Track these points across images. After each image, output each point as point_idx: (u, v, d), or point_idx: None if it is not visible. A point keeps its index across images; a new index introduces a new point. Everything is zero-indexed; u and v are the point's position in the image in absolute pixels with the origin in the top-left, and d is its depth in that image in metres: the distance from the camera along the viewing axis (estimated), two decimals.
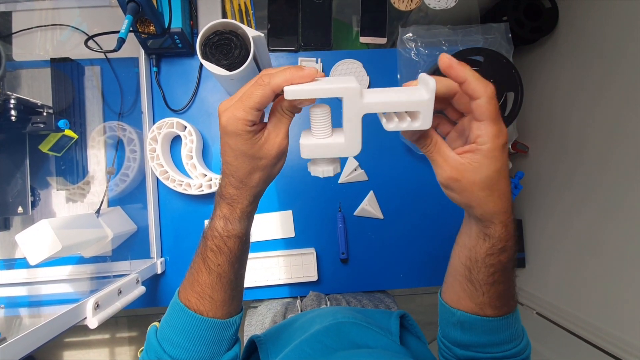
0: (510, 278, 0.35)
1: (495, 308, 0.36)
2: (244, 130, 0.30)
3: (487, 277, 0.34)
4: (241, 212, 0.34)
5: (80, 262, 0.70)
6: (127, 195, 0.74)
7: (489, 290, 0.35)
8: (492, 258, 0.33)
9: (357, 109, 0.29)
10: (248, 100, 0.29)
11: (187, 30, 0.71)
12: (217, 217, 0.35)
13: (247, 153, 0.31)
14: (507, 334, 0.37)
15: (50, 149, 0.64)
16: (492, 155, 0.29)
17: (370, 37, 0.80)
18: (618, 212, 0.84)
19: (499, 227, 0.31)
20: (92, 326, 0.48)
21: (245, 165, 0.32)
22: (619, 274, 0.85)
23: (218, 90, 0.77)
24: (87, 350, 1.41)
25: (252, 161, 0.32)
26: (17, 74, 0.71)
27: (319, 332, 0.43)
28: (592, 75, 0.91)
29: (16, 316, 0.70)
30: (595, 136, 0.91)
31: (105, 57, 0.72)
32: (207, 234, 0.35)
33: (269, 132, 0.32)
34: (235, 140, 0.31)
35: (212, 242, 0.35)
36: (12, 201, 0.61)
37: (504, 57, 0.65)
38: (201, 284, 0.35)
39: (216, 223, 0.34)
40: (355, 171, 0.76)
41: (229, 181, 0.33)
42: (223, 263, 0.35)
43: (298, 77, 0.29)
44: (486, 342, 0.37)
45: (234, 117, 0.30)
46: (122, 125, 0.72)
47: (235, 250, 0.35)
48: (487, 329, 0.36)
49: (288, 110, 0.32)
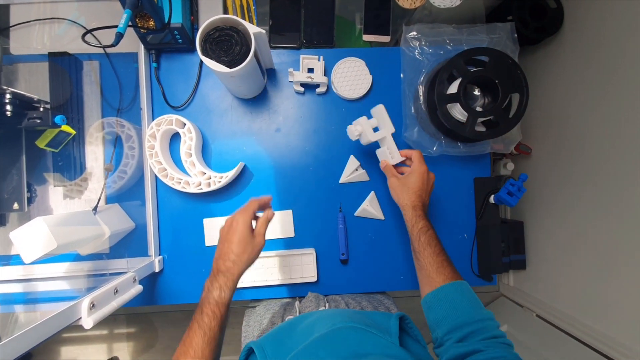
0: (434, 242, 0.54)
1: (437, 271, 0.51)
2: (248, 221, 0.52)
3: (419, 244, 0.54)
4: (232, 282, 0.49)
5: (77, 259, 0.69)
6: (125, 193, 0.73)
7: (424, 254, 0.53)
8: (414, 228, 0.56)
9: None
10: (248, 208, 0.53)
11: (187, 25, 0.70)
12: (214, 288, 0.47)
13: (245, 238, 0.50)
14: (460, 297, 0.48)
15: (48, 144, 0.63)
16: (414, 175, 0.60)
17: (374, 35, 0.78)
18: (620, 215, 0.83)
19: (409, 210, 0.57)
20: (87, 326, 0.47)
21: (242, 245, 0.50)
22: (619, 277, 0.84)
23: (219, 87, 0.76)
24: (85, 346, 1.41)
25: (246, 245, 0.50)
26: (14, 67, 0.70)
27: (316, 342, 0.43)
28: (595, 77, 0.90)
29: (11, 313, 0.69)
30: (598, 138, 0.90)
31: (104, 52, 0.71)
32: (203, 303, 0.47)
33: (256, 231, 0.53)
34: (243, 227, 0.51)
35: (209, 308, 0.46)
36: (8, 197, 0.60)
37: (509, 58, 0.63)
38: (195, 347, 0.44)
39: (213, 293, 0.47)
40: (356, 171, 0.75)
41: (228, 257, 0.49)
42: (215, 326, 0.45)
43: (268, 199, 0.58)
44: (448, 309, 0.47)
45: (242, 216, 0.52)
46: (120, 121, 0.71)
47: (224, 317, 0.47)
48: (441, 297, 0.49)
49: (267, 222, 0.55)
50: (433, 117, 0.69)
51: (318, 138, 0.77)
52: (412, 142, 0.71)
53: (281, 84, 0.77)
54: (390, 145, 0.64)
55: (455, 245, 0.77)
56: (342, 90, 0.74)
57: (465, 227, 0.77)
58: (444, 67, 0.64)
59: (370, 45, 0.86)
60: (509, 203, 0.69)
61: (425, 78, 0.70)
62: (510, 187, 0.69)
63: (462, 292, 0.48)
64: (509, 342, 0.43)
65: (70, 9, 0.72)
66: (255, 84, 0.70)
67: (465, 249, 0.77)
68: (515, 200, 0.69)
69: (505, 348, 0.42)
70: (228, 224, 0.52)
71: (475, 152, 0.71)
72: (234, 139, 0.76)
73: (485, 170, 0.77)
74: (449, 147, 0.71)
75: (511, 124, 0.64)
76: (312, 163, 0.77)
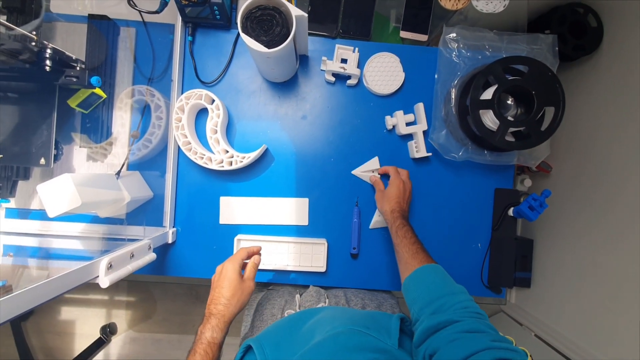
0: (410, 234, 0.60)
1: (413, 256, 0.56)
2: (238, 268, 0.56)
3: (396, 237, 0.61)
4: (224, 324, 0.52)
5: (94, 221, 0.70)
6: (147, 162, 0.73)
7: (402, 245, 0.59)
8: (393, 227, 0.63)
9: None
10: (237, 256, 0.58)
11: (227, 2, 0.70)
12: (206, 330, 0.50)
13: (234, 282, 0.55)
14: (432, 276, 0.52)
15: (79, 105, 0.64)
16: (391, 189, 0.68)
17: (411, 32, 0.77)
18: (629, 243, 0.82)
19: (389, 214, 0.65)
20: (104, 285, 0.48)
21: (232, 289, 0.54)
22: (622, 306, 0.83)
23: (250, 67, 0.75)
24: (85, 308, 1.43)
25: (236, 289, 0.54)
26: (52, 25, 0.70)
27: (315, 349, 0.43)
28: (629, 102, 0.88)
29: (25, 266, 0.71)
30: (623, 167, 0.88)
31: (142, 19, 0.72)
32: (196, 344, 0.49)
33: (245, 276, 0.57)
34: (232, 274, 0.55)
35: (201, 347, 0.49)
36: (36, 152, 0.61)
37: (549, 70, 0.62)
38: None
39: (206, 334, 0.50)
40: (372, 172, 0.75)
41: (220, 301, 0.53)
42: None
43: (257, 249, 0.62)
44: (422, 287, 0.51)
45: (232, 265, 0.57)
46: (151, 90, 0.71)
47: (215, 356, 0.49)
48: (417, 278, 0.54)
49: (255, 267, 0.60)
50: (463, 122, 0.69)
51: (343, 130, 0.76)
52: (437, 145, 0.70)
53: (312, 72, 0.76)
54: (419, 140, 0.73)
55: (468, 253, 0.77)
56: (373, 84, 0.74)
57: (480, 236, 0.76)
58: (482, 72, 0.63)
59: (402, 42, 0.85)
60: (529, 217, 0.69)
61: (459, 81, 0.69)
62: (532, 201, 0.68)
63: (435, 272, 0.53)
64: (482, 312, 0.45)
65: None
66: (288, 68, 0.70)
67: (477, 258, 0.77)
68: (537, 215, 0.68)
69: (480, 321, 0.42)
70: (218, 272, 0.57)
71: (500, 162, 0.70)
72: (259, 121, 0.76)
73: (508, 181, 0.76)
74: (474, 153, 0.70)
75: (543, 137, 0.63)
76: (334, 154, 0.76)
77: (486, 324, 0.41)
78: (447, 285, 0.50)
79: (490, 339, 0.37)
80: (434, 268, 0.54)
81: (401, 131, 0.72)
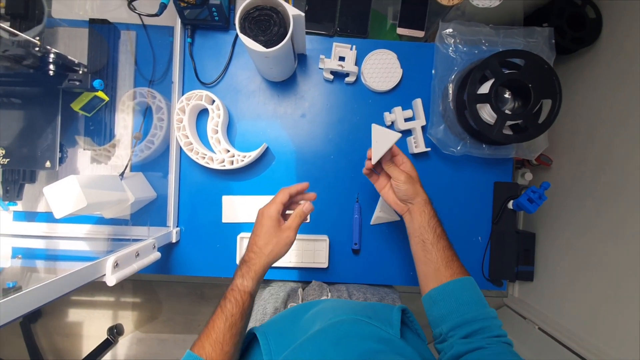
0: (446, 236, 0.54)
1: (447, 265, 0.50)
2: (274, 215, 0.51)
3: (434, 236, 0.53)
4: (255, 272, 0.48)
5: (99, 222, 0.71)
6: (150, 163, 0.74)
7: (437, 246, 0.52)
8: (431, 221, 0.54)
9: None
10: (276, 199, 0.52)
11: (225, 4, 0.70)
12: (237, 276, 0.48)
13: (270, 230, 0.50)
14: (467, 295, 0.48)
15: (82, 108, 0.65)
16: (411, 171, 0.58)
17: (408, 28, 0.78)
18: (631, 234, 0.82)
19: (420, 200, 0.56)
20: (110, 283, 0.49)
21: (266, 238, 0.50)
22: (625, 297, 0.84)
23: (249, 68, 0.76)
24: (92, 310, 1.45)
25: (271, 237, 0.50)
26: (54, 30, 0.72)
27: (318, 335, 0.44)
28: (629, 94, 0.88)
29: (33, 267, 0.72)
30: (624, 158, 0.88)
31: (141, 22, 0.73)
32: (228, 291, 0.48)
33: (286, 225, 0.52)
34: (267, 220, 0.51)
35: (231, 294, 0.47)
36: (41, 155, 0.62)
37: (545, 63, 0.63)
38: (217, 330, 0.44)
39: (237, 281, 0.48)
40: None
41: (252, 249, 0.50)
42: (236, 313, 0.45)
43: (301, 187, 0.55)
44: (454, 305, 0.47)
45: (268, 208, 0.52)
46: (152, 92, 0.72)
47: (246, 305, 0.47)
48: (449, 292, 0.49)
49: (301, 216, 0.53)
50: (460, 117, 0.69)
51: (342, 127, 0.77)
52: (436, 140, 0.71)
53: (310, 71, 0.77)
54: (417, 136, 0.73)
55: (469, 247, 0.77)
56: (371, 81, 0.75)
57: (481, 230, 0.77)
58: (478, 66, 0.63)
59: (399, 38, 0.86)
60: (528, 210, 0.69)
61: (456, 76, 0.70)
62: (531, 194, 0.69)
63: (469, 289, 0.49)
64: (509, 342, 0.45)
65: None
66: (287, 67, 0.71)
67: (478, 251, 0.77)
68: (535, 207, 0.69)
69: (505, 347, 0.43)
70: (258, 216, 0.52)
71: (498, 156, 0.71)
72: (259, 121, 0.77)
73: (507, 175, 0.77)
74: (473, 148, 0.70)
75: (540, 129, 0.63)
76: (334, 152, 0.77)
77: (514, 353, 0.42)
78: (482, 307, 0.47)
79: None
80: (468, 283, 0.49)
81: (400, 127, 0.73)
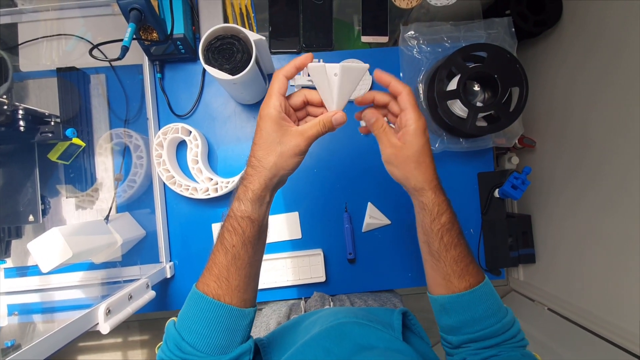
0: (459, 241, 0.42)
1: (459, 277, 0.41)
2: (273, 113, 0.37)
3: (439, 244, 0.41)
4: (252, 193, 0.38)
5: (91, 268, 0.71)
6: (135, 201, 0.74)
7: (446, 257, 0.41)
8: (435, 223, 0.41)
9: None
10: (271, 90, 0.38)
11: (189, 35, 0.71)
12: (234, 199, 0.39)
13: (271, 135, 0.37)
14: (483, 307, 0.41)
15: (59, 157, 0.65)
16: (416, 134, 0.39)
17: (372, 36, 0.79)
18: (626, 204, 0.83)
19: (429, 193, 0.41)
20: (104, 331, 0.49)
21: (266, 146, 0.37)
22: (629, 267, 0.84)
23: (222, 94, 0.77)
24: (101, 354, 1.43)
25: (272, 145, 0.37)
26: (24, 84, 0.72)
27: (320, 334, 0.43)
28: (597, 68, 0.90)
29: (30, 322, 0.71)
30: (602, 129, 0.89)
31: (110, 65, 0.73)
32: (225, 217, 0.39)
33: (298, 128, 0.39)
34: (267, 123, 0.37)
35: (228, 222, 0.38)
36: (23, 210, 0.62)
37: (507, 52, 0.64)
38: (218, 265, 0.38)
39: (233, 204, 0.39)
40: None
41: (250, 162, 0.39)
42: (237, 244, 0.38)
43: (299, 61, 0.39)
44: (468, 319, 0.41)
45: (265, 104, 0.38)
46: (128, 132, 0.73)
47: (248, 233, 0.38)
48: (464, 305, 0.41)
49: (325, 126, 0.39)
50: (434, 115, 0.70)
51: (321, 140, 0.77)
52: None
53: None
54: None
55: None
56: None
57: (471, 222, 0.78)
58: (443, 64, 0.65)
59: (368, 46, 0.87)
60: (513, 196, 0.70)
61: (424, 76, 0.71)
62: (514, 180, 0.70)
63: (486, 299, 0.41)
64: (524, 343, 0.42)
65: (77, 25, 0.74)
66: (257, 89, 0.72)
67: (471, 244, 0.77)
68: (520, 193, 0.69)
69: (517, 349, 0.41)
70: (257, 120, 0.39)
71: (477, 147, 0.72)
72: (238, 145, 0.77)
73: (489, 164, 0.77)
74: (451, 143, 0.71)
75: (512, 117, 0.64)
76: (316, 164, 0.78)
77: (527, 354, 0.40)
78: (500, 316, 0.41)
79: None
80: (484, 293, 0.42)
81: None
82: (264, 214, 0.40)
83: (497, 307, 0.42)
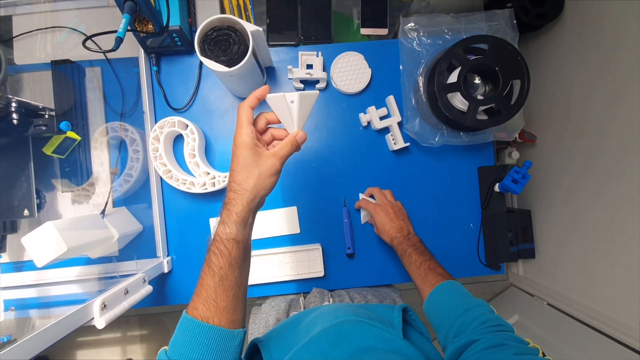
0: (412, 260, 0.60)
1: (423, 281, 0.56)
2: (247, 140, 0.41)
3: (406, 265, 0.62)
4: (236, 215, 0.41)
5: (87, 262, 0.70)
6: (132, 195, 0.74)
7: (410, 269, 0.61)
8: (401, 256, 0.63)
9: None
10: (240, 120, 0.42)
11: (185, 27, 0.70)
12: (219, 223, 0.41)
13: (247, 160, 0.41)
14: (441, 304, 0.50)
15: (54, 151, 0.65)
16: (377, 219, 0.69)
17: (372, 28, 0.78)
18: (627, 200, 0.82)
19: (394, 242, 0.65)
20: (100, 326, 0.48)
21: (244, 170, 0.41)
22: (629, 263, 0.83)
23: (219, 87, 0.76)
24: (100, 349, 1.43)
25: (250, 169, 0.41)
26: (18, 77, 0.71)
27: (319, 336, 0.43)
28: (597, 61, 0.89)
29: (27, 317, 0.71)
30: (600, 122, 0.88)
31: (105, 57, 0.72)
32: (211, 241, 0.42)
33: (271, 151, 0.42)
34: (242, 150, 0.41)
35: (215, 245, 0.40)
36: (18, 204, 0.61)
37: (509, 44, 0.63)
38: (206, 287, 0.39)
39: (218, 228, 0.41)
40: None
41: (230, 187, 0.41)
42: (224, 265, 0.39)
43: (259, 93, 0.44)
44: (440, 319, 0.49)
45: (238, 133, 0.41)
46: (124, 125, 0.72)
47: (234, 254, 0.40)
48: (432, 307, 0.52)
49: (293, 145, 0.44)
50: (434, 108, 0.69)
51: (319, 134, 0.77)
52: (413, 134, 0.71)
53: (281, 82, 0.77)
54: (395, 132, 0.73)
55: (462, 236, 0.77)
56: (342, 85, 0.74)
57: (471, 216, 0.77)
58: (443, 56, 0.63)
59: (368, 38, 0.86)
60: (514, 191, 0.69)
61: (424, 69, 0.70)
62: (514, 174, 0.69)
63: (447, 292, 0.51)
64: (504, 323, 0.43)
65: (70, 17, 0.73)
66: (255, 82, 0.71)
67: (471, 238, 0.77)
68: (520, 187, 0.68)
69: (500, 334, 0.41)
70: (232, 149, 0.42)
71: (478, 141, 0.71)
72: None
73: (489, 159, 0.77)
74: (451, 137, 0.70)
75: (513, 111, 0.63)
76: (314, 159, 0.77)
77: (508, 336, 0.40)
78: (462, 303, 0.48)
79: (512, 353, 0.36)
80: (445, 288, 0.52)
81: (376, 126, 0.73)
82: (248, 235, 0.43)
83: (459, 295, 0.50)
